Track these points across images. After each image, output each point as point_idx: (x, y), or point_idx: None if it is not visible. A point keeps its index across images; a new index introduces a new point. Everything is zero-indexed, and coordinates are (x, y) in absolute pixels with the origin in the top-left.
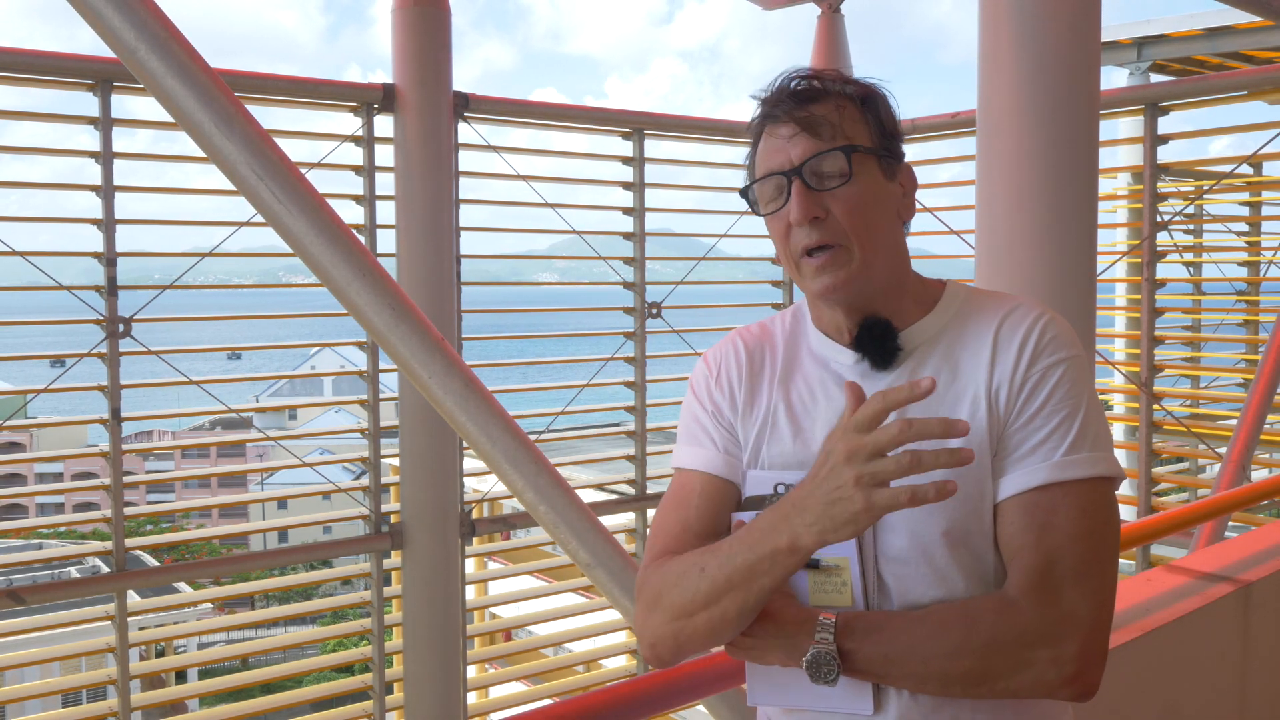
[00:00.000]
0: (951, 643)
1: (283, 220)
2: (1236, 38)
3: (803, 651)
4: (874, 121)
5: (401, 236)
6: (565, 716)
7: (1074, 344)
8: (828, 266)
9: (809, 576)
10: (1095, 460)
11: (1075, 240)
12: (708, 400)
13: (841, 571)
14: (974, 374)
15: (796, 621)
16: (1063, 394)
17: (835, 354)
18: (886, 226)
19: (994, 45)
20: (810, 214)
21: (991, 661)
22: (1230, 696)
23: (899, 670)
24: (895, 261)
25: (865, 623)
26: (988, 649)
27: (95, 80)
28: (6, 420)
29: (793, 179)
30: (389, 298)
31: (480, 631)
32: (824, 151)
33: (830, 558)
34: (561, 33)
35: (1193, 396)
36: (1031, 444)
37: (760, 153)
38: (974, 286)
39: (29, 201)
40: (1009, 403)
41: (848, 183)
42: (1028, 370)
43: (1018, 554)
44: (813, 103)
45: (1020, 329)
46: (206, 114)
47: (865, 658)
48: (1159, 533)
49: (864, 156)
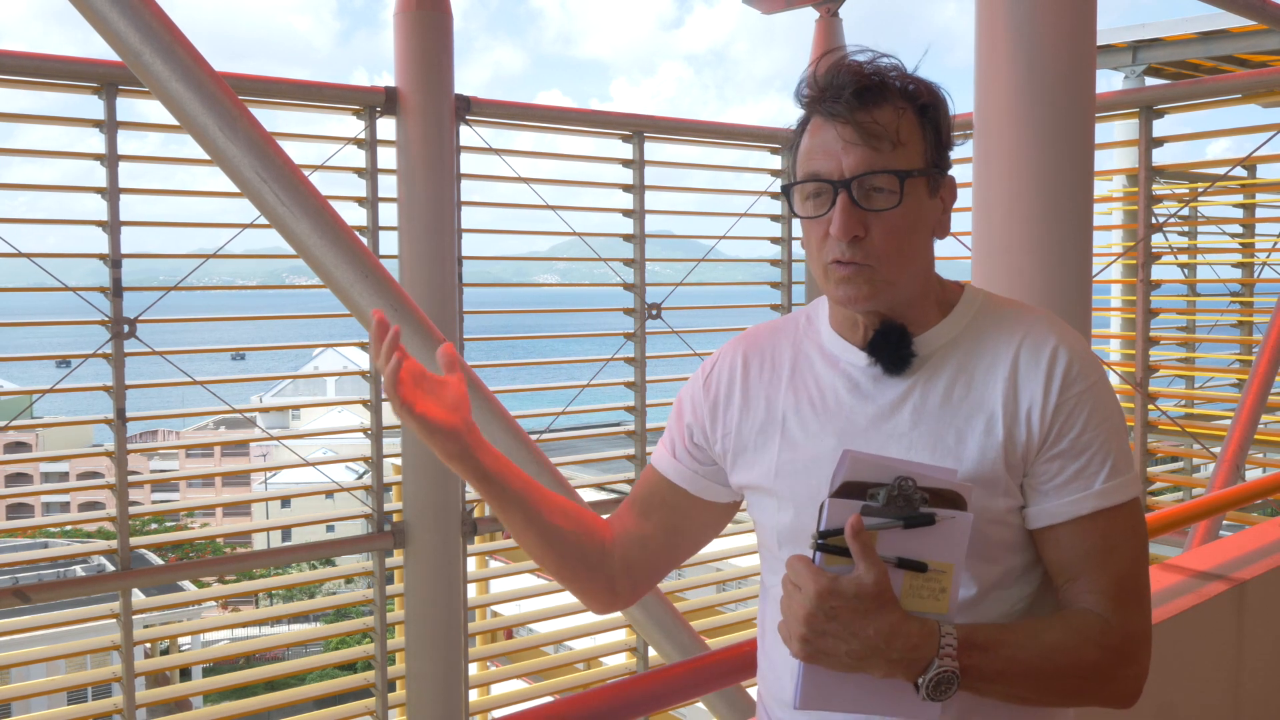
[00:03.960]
0: (1062, 662)
1: (286, 222)
2: (1230, 41)
3: (924, 667)
4: (931, 133)
5: (403, 238)
6: (566, 714)
7: (1097, 365)
8: (853, 279)
9: (904, 578)
10: (1131, 482)
11: (1071, 242)
12: (688, 404)
13: (944, 577)
14: (990, 390)
15: (921, 633)
16: (1098, 420)
17: (848, 354)
18: (921, 246)
19: (990, 48)
20: (851, 233)
21: (1091, 681)
22: (1225, 693)
23: (1005, 689)
24: (921, 274)
25: (984, 637)
26: (1094, 670)
27: (100, 83)
28: (12, 420)
29: (839, 191)
30: (391, 299)
31: (482, 629)
32: (879, 171)
33: (938, 561)
34: (572, 36)
35: (1187, 397)
36: (1072, 470)
37: (808, 149)
38: (991, 293)
39: (37, 204)
40: (1042, 430)
41: (894, 207)
42: (1060, 397)
43: (1084, 575)
44: (875, 106)
45: (1044, 352)
46: (210, 117)
47: (981, 675)
48: (1154, 532)
49: (915, 181)
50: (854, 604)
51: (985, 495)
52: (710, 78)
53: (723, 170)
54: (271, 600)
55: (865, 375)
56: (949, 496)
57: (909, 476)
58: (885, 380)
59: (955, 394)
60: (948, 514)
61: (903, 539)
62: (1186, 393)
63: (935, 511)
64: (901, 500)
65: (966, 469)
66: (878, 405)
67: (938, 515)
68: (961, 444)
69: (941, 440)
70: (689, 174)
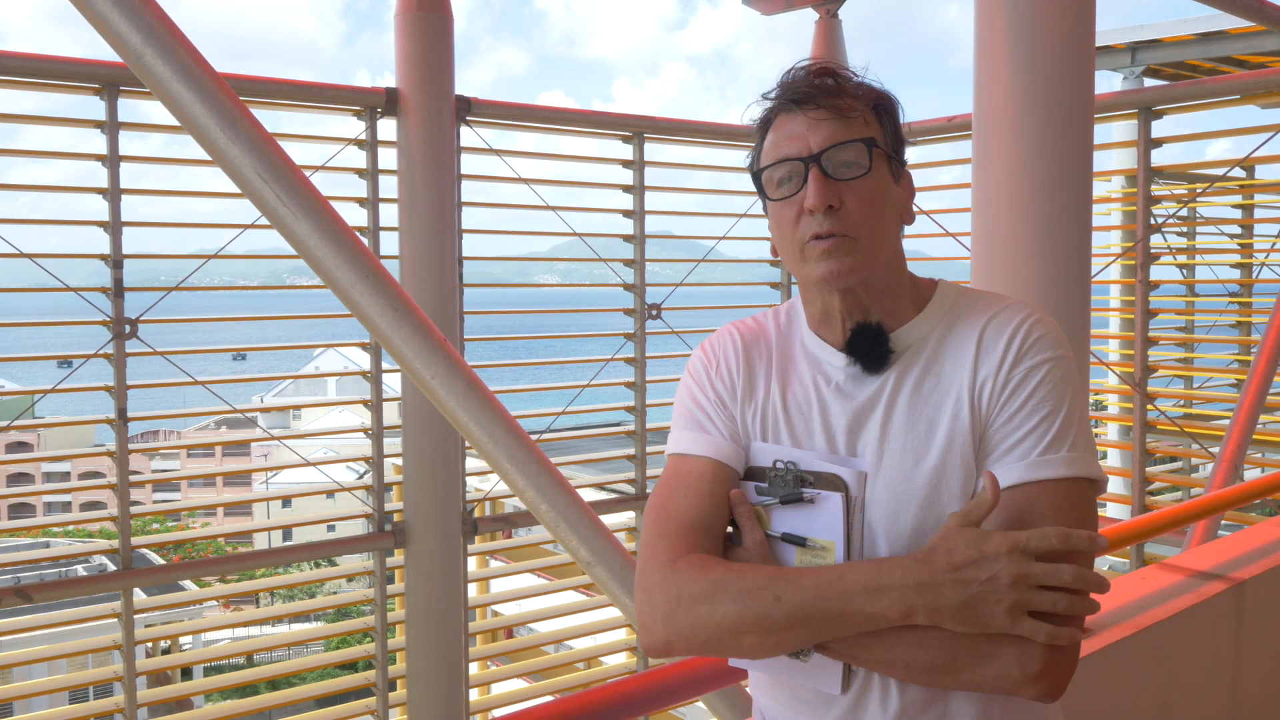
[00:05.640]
0: (918, 630)
1: (287, 223)
2: (1229, 42)
3: None
4: (888, 124)
5: (404, 239)
6: (566, 713)
7: (1060, 345)
8: (834, 252)
9: (796, 553)
10: (1073, 460)
11: (1070, 242)
12: (709, 388)
13: (828, 553)
14: (958, 375)
15: None
16: (1044, 393)
17: (828, 356)
18: (892, 225)
19: (990, 50)
20: (826, 202)
21: (956, 653)
22: (1223, 692)
23: (866, 654)
24: (894, 261)
25: None
26: (952, 640)
27: (102, 84)
28: (14, 420)
29: (810, 165)
30: (392, 299)
31: (482, 629)
32: (846, 141)
33: (818, 539)
34: (576, 38)
35: (1186, 397)
36: (1010, 442)
37: (773, 140)
38: (966, 287)
39: (39, 204)
40: (991, 401)
41: (865, 175)
42: (1011, 369)
43: None
44: (835, 94)
45: (1006, 329)
46: (212, 118)
47: (836, 639)
48: (1153, 531)
49: (880, 154)
50: None
51: (962, 481)
52: (712, 79)
53: (722, 171)
54: (272, 600)
55: (844, 375)
56: (830, 480)
57: (791, 461)
58: (863, 378)
59: (926, 385)
60: (815, 493)
61: (791, 518)
62: (1185, 393)
63: (804, 491)
64: (780, 482)
65: (936, 456)
66: (856, 402)
67: (806, 494)
68: (932, 432)
69: (913, 430)
70: (689, 174)
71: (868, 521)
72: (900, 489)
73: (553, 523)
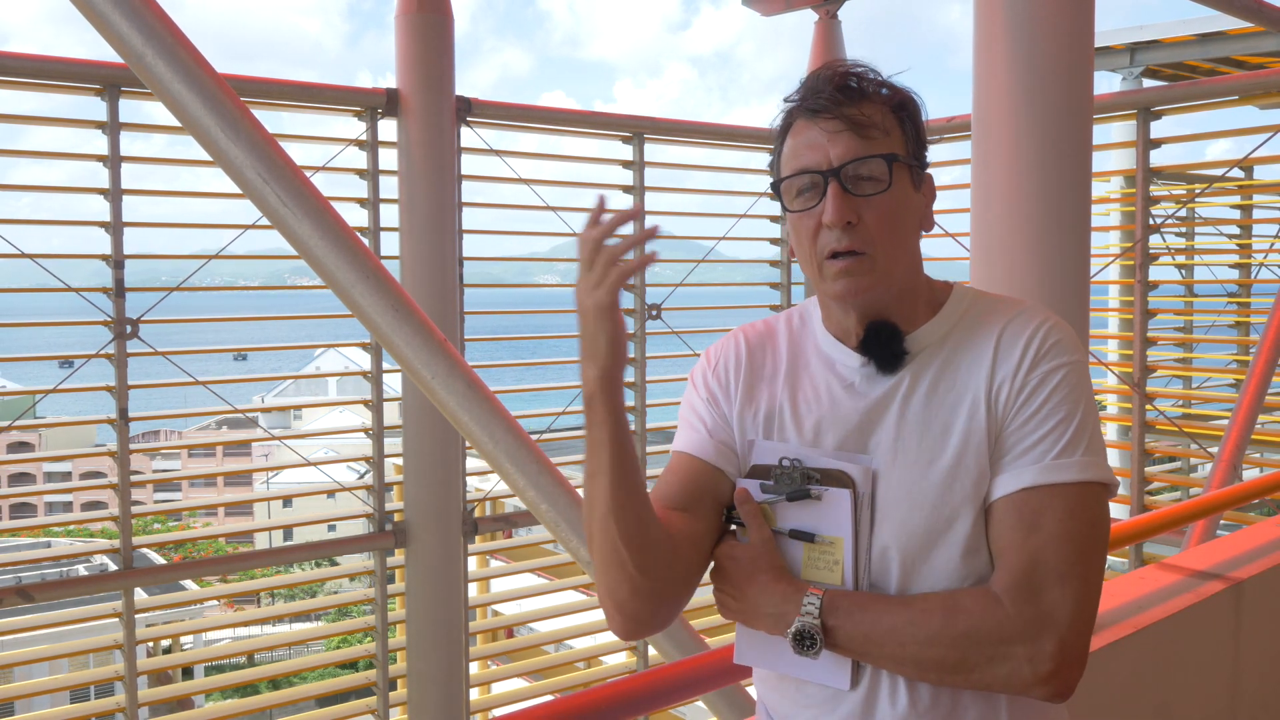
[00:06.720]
0: (930, 630)
1: (288, 223)
2: (1228, 43)
3: (789, 623)
4: (910, 129)
5: (405, 239)
6: (566, 712)
7: (1076, 350)
8: (851, 271)
9: (804, 550)
10: (1086, 465)
11: (1069, 243)
12: (703, 389)
13: (835, 549)
14: (974, 378)
15: (786, 593)
16: (1060, 398)
17: (842, 356)
18: (911, 235)
19: (989, 50)
20: (845, 219)
21: (967, 652)
22: (1222, 692)
23: (877, 650)
24: (911, 267)
25: (850, 601)
26: (965, 639)
27: (103, 85)
28: (16, 420)
29: (829, 180)
30: (392, 299)
31: (482, 628)
32: (867, 156)
33: (826, 535)
34: (579, 39)
35: (1185, 397)
36: (1025, 445)
37: (793, 147)
38: (981, 290)
39: (41, 205)
40: (1008, 404)
41: (884, 191)
42: (1028, 373)
43: (1004, 552)
44: (855, 101)
45: (1024, 334)
46: (213, 118)
47: (846, 635)
48: (1151, 531)
49: (901, 166)
50: (740, 565)
51: (976, 484)
52: (714, 80)
53: (722, 171)
54: (273, 599)
55: (859, 375)
56: (838, 477)
57: (798, 459)
58: (877, 378)
59: (941, 387)
60: (822, 489)
61: (797, 513)
62: (1184, 393)
63: (811, 487)
64: (786, 479)
65: (951, 457)
66: (869, 401)
67: (813, 490)
68: (948, 433)
69: (929, 430)
70: (689, 175)
71: (877, 518)
72: (914, 488)
73: (553, 522)
